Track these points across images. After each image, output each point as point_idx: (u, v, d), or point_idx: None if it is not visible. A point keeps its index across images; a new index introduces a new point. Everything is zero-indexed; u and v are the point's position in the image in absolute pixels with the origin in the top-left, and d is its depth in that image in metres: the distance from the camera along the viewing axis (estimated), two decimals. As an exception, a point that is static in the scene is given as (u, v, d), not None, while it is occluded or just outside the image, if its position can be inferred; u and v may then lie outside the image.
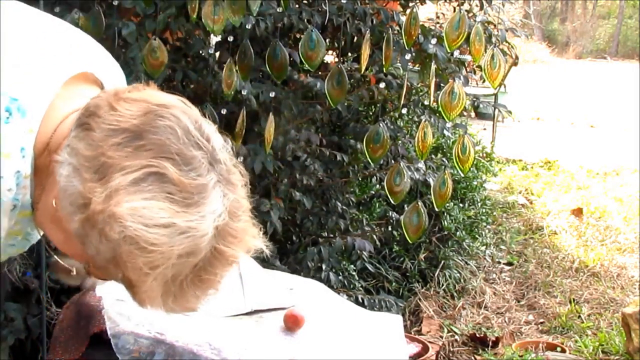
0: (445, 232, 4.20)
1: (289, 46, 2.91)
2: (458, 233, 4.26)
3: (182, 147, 0.90)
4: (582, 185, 6.98)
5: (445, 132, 3.89)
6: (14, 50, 1.02)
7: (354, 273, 3.49)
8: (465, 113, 4.52)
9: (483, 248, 4.67)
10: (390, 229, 3.88)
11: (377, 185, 4.03)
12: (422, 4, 3.38)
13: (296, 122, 3.11)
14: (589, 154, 8.44)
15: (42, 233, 1.10)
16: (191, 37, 2.88)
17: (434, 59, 2.79)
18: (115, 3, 2.48)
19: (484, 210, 4.77)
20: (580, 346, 3.55)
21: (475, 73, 3.99)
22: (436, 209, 3.00)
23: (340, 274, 3.35)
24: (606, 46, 27.66)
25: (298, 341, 1.49)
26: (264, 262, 2.73)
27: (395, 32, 2.97)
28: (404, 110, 3.62)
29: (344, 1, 2.86)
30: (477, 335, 3.56)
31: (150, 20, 2.60)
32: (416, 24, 2.48)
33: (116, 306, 1.45)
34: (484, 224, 4.75)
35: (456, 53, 2.68)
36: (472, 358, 3.41)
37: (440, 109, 2.41)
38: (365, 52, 2.51)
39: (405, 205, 3.08)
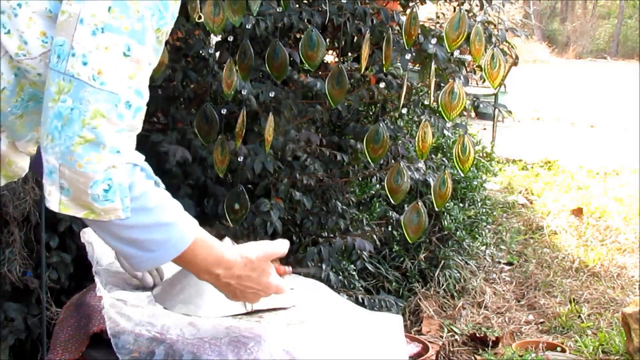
0: (445, 232, 4.20)
1: (289, 46, 2.91)
2: (458, 233, 4.26)
3: None
4: (582, 185, 6.98)
5: (445, 132, 3.89)
6: None
7: (354, 273, 3.49)
8: (465, 113, 4.52)
9: (483, 248, 4.67)
10: (390, 229, 3.88)
11: (377, 185, 4.02)
12: (422, 4, 3.37)
13: (296, 122, 3.11)
14: (589, 154, 8.44)
15: None
16: (191, 37, 2.88)
17: (434, 59, 2.78)
18: (116, 3, 2.47)
19: (484, 210, 4.77)
20: (580, 346, 3.55)
21: (475, 73, 3.98)
22: (436, 209, 3.00)
23: (340, 274, 3.35)
24: (606, 46, 27.69)
25: (298, 340, 1.49)
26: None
27: (395, 32, 2.96)
28: (404, 110, 3.62)
29: (344, 1, 2.86)
30: (477, 335, 3.56)
31: (150, 20, 2.59)
32: (416, 24, 2.47)
33: (116, 306, 1.45)
34: (484, 223, 4.75)
35: (456, 53, 2.68)
36: (472, 358, 3.41)
37: (440, 109, 2.41)
38: (365, 52, 2.51)
39: (405, 205, 3.08)
